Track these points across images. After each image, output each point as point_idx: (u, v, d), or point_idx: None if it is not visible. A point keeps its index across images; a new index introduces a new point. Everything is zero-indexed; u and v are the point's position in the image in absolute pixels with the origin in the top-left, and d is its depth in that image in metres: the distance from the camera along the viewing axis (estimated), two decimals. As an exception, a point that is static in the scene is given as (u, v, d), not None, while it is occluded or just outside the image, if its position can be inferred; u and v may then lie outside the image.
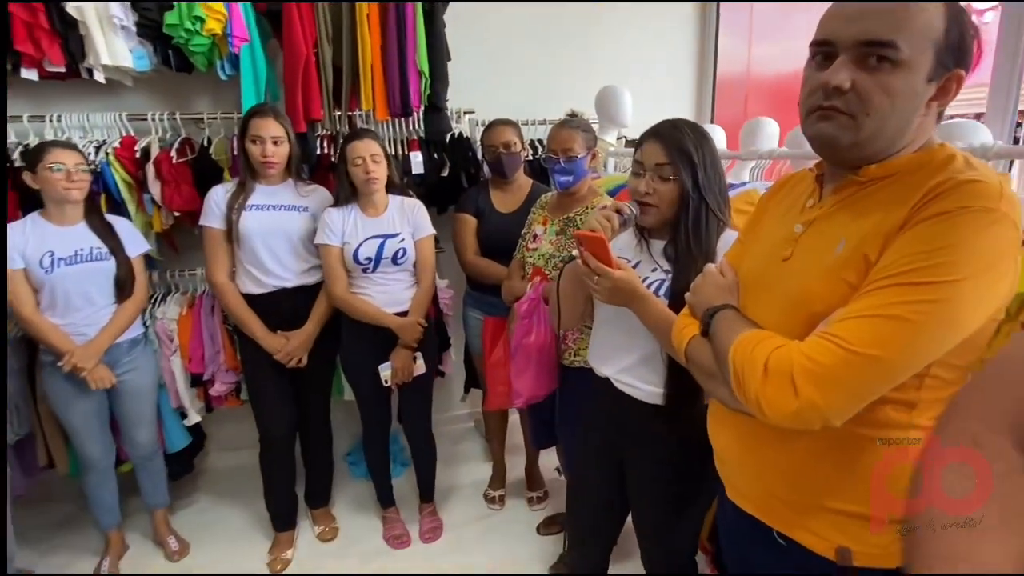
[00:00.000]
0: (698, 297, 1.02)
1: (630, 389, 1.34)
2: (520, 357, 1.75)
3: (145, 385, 2.15)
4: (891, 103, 0.75)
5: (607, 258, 1.18)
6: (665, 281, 1.28)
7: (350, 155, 2.00)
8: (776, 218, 0.99)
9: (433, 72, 2.43)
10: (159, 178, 2.25)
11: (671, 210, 1.26)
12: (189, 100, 2.50)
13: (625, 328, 1.30)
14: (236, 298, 2.08)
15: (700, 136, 1.26)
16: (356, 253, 2.03)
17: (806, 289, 0.83)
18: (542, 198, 2.04)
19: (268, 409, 2.17)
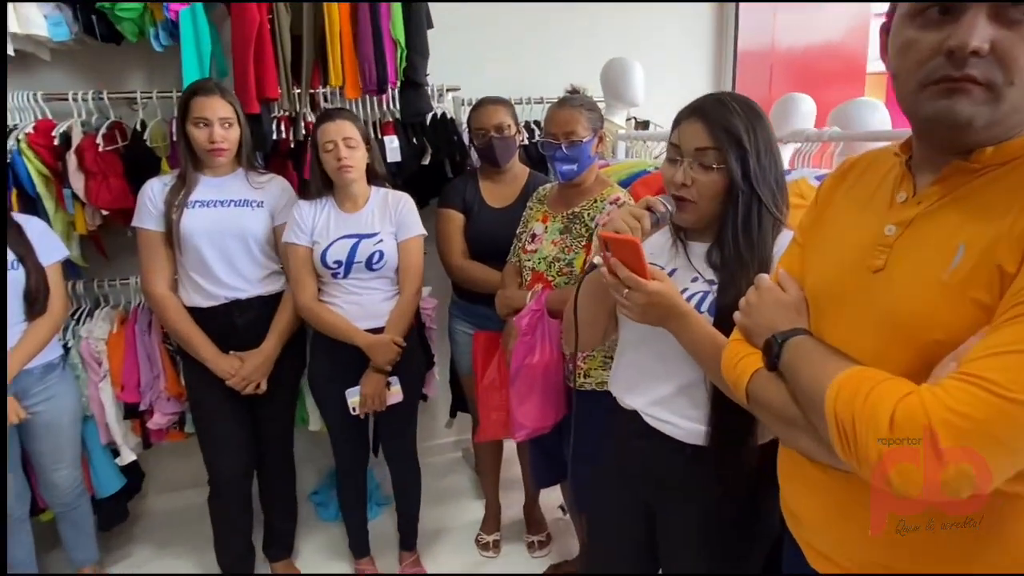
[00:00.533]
0: (754, 319, 0.93)
1: (665, 426, 1.24)
2: (522, 382, 1.68)
3: (64, 418, 2.03)
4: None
5: (640, 266, 1.08)
6: (709, 294, 1.18)
7: (321, 139, 1.92)
8: (850, 215, 0.90)
9: (410, 42, 2.35)
10: (83, 169, 2.13)
11: (714, 206, 1.17)
12: (118, 76, 2.40)
13: (659, 351, 1.21)
14: (179, 313, 1.98)
15: (753, 114, 1.16)
16: (324, 255, 1.95)
17: (916, 310, 0.74)
18: (540, 190, 1.96)
19: (219, 445, 2.08)
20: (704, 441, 1.19)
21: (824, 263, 0.90)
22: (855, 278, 0.82)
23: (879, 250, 0.80)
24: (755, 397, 0.90)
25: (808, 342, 0.84)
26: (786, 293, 0.92)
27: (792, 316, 0.89)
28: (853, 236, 0.86)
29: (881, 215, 0.83)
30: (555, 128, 1.75)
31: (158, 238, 1.94)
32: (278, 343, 2.04)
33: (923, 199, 0.78)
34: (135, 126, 2.24)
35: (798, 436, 0.84)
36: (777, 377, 0.86)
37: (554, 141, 1.74)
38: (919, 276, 0.75)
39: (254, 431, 2.14)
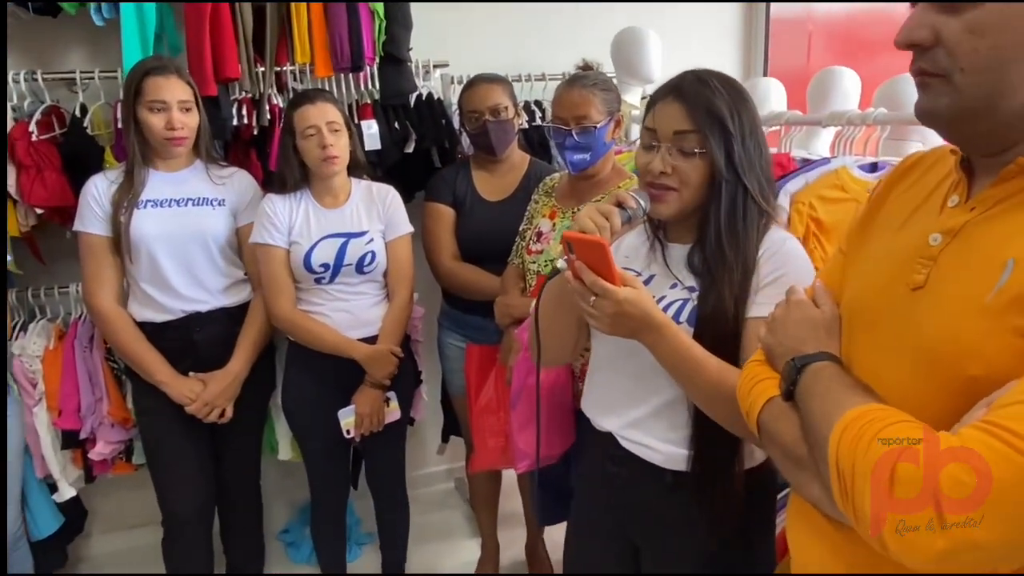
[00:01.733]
0: (779, 337, 0.93)
1: (641, 450, 1.28)
2: (524, 404, 1.69)
3: (9, 453, 2.04)
4: (990, 45, 0.68)
5: (609, 270, 1.09)
6: (688, 301, 1.22)
7: (299, 124, 1.93)
8: (898, 221, 0.88)
9: (390, 12, 2.38)
10: (14, 161, 2.15)
11: (696, 197, 1.19)
12: (55, 54, 2.41)
13: (634, 366, 1.24)
14: (128, 330, 1.99)
15: (735, 93, 1.19)
16: (308, 257, 1.96)
17: (953, 338, 0.72)
18: (548, 181, 1.98)
19: (175, 478, 2.10)
20: (686, 466, 1.22)
21: (863, 277, 0.89)
22: (892, 296, 0.80)
23: (921, 263, 0.78)
24: (766, 430, 0.90)
25: (829, 369, 0.82)
26: (818, 310, 0.92)
27: (820, 337, 0.88)
28: (898, 245, 0.84)
29: (929, 222, 0.81)
30: (564, 112, 1.76)
31: (104, 244, 1.95)
32: (246, 363, 2.05)
33: (977, 204, 0.75)
34: (74, 111, 2.25)
35: (808, 482, 0.82)
36: (792, 408, 0.85)
37: (563, 127, 1.75)
38: (960, 296, 0.72)
39: (216, 462, 2.16)
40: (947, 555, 0.62)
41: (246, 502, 2.30)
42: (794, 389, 0.85)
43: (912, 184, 0.91)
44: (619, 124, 1.82)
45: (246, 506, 2.31)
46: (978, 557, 0.62)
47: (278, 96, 2.38)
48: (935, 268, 0.77)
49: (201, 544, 2.16)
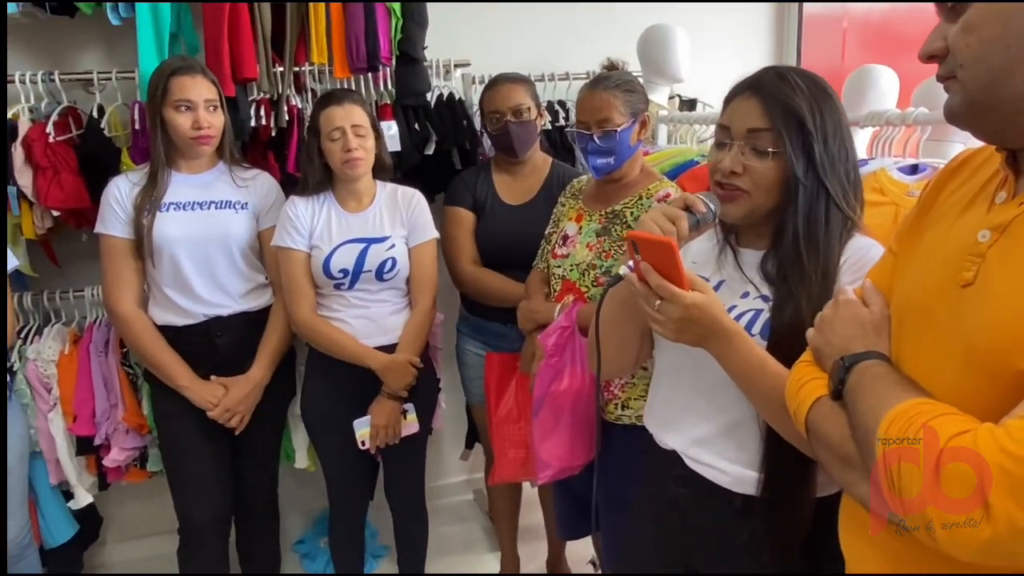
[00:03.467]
0: (827, 337, 0.94)
1: (708, 471, 1.25)
2: (547, 412, 1.69)
3: (11, 459, 2.05)
4: (978, 38, 0.74)
5: (676, 272, 1.06)
6: (762, 312, 1.18)
7: (324, 126, 1.95)
8: (948, 219, 0.89)
9: (406, 9, 2.39)
10: (30, 163, 2.18)
11: (770, 200, 1.16)
12: (72, 54, 2.45)
13: (701, 378, 1.22)
14: (150, 334, 2.00)
15: (819, 92, 1.16)
16: (327, 262, 1.98)
17: (1002, 334, 0.73)
18: (576, 183, 1.98)
19: (193, 487, 2.11)
20: (755, 490, 1.18)
21: (914, 275, 0.90)
22: (942, 294, 0.82)
23: (970, 260, 0.79)
24: (814, 430, 0.91)
25: (878, 367, 0.84)
26: (867, 309, 0.93)
27: (869, 337, 0.90)
28: (947, 243, 0.86)
29: (978, 219, 0.83)
30: (586, 116, 1.75)
31: (125, 246, 1.96)
32: (268, 369, 2.07)
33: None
34: (91, 112, 2.28)
35: (857, 481, 0.84)
36: (841, 408, 0.87)
37: (585, 131, 1.75)
38: (1009, 292, 0.74)
39: (233, 471, 2.17)
40: (993, 544, 0.64)
41: (263, 511, 2.31)
42: (842, 388, 0.86)
43: (962, 183, 0.92)
44: (645, 125, 1.80)
45: (263, 515, 2.31)
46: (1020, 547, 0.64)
47: (297, 97, 2.40)
48: (984, 264, 0.78)
49: (217, 553, 2.16)
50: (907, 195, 1.60)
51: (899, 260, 0.97)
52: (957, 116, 0.79)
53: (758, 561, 1.20)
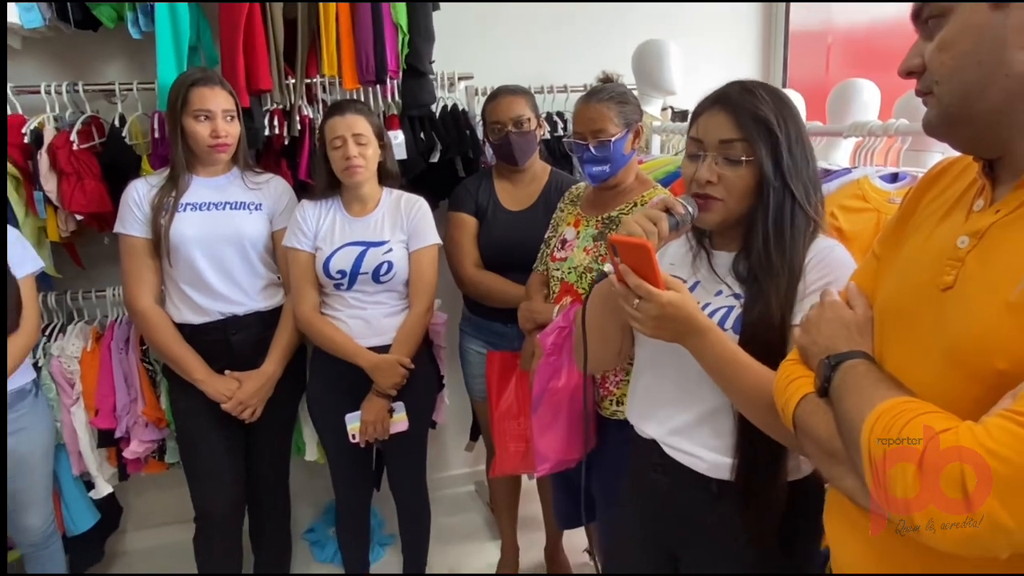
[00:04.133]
0: (813, 337, 0.94)
1: (685, 457, 1.26)
2: (545, 408, 1.69)
3: (36, 452, 2.06)
4: (951, 56, 0.76)
5: (653, 273, 1.07)
6: (735, 308, 1.19)
7: (328, 135, 1.96)
8: (928, 225, 0.90)
9: (413, 25, 2.39)
10: (55, 169, 2.17)
11: (742, 205, 1.18)
12: (95, 67, 2.45)
13: (678, 372, 1.23)
14: (167, 330, 2.01)
15: (781, 102, 1.18)
16: (327, 264, 1.98)
17: (980, 334, 0.73)
18: (573, 190, 1.98)
19: (209, 477, 2.11)
20: (730, 475, 1.19)
21: (896, 279, 0.91)
22: (924, 296, 0.82)
23: (950, 265, 0.80)
24: (801, 425, 0.91)
25: (862, 366, 0.84)
26: (851, 311, 0.93)
27: (853, 336, 0.90)
28: (928, 248, 0.86)
29: (957, 225, 0.83)
30: (582, 126, 1.75)
31: (144, 246, 1.97)
32: (279, 364, 2.07)
33: (1001, 207, 0.77)
34: (113, 121, 2.28)
35: (843, 475, 0.84)
36: (827, 404, 0.87)
37: (582, 141, 1.75)
38: (986, 295, 0.74)
39: (246, 462, 2.17)
40: (975, 538, 0.64)
41: (275, 502, 2.31)
42: (828, 386, 0.86)
43: (942, 191, 0.92)
44: (638, 135, 1.80)
45: (275, 505, 2.31)
46: (1005, 539, 0.64)
47: (308, 107, 2.40)
48: (963, 269, 0.79)
49: (231, 542, 2.17)
50: (888, 202, 1.60)
51: (882, 263, 0.97)
52: (935, 129, 0.81)
53: (734, 543, 1.21)
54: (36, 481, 2.06)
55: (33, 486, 2.06)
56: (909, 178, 1.61)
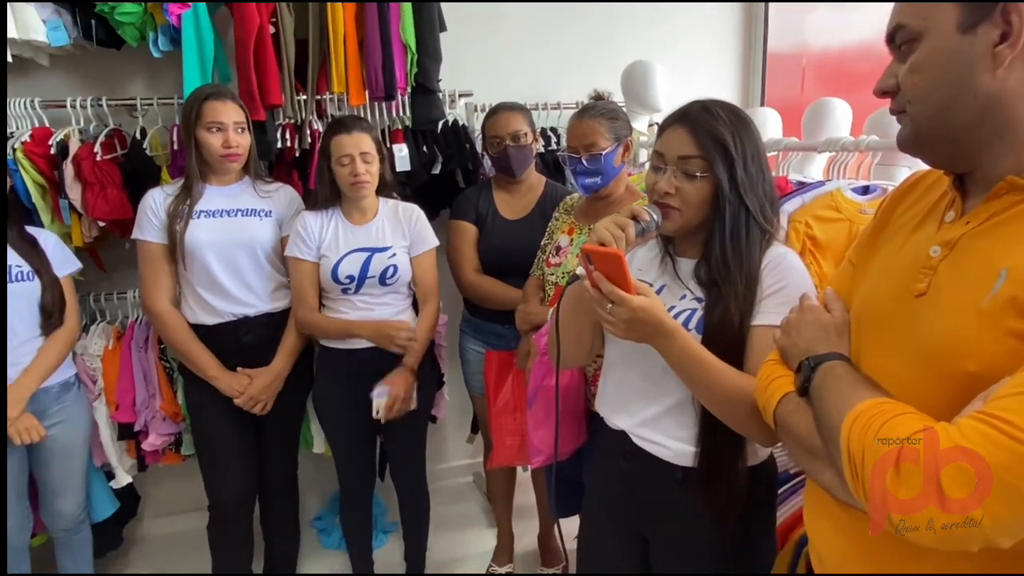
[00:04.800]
0: (793, 339, 0.95)
1: (653, 447, 1.28)
2: (540, 404, 1.70)
3: (77, 441, 2.08)
4: (923, 78, 0.78)
5: (624, 280, 1.09)
6: (697, 310, 1.22)
7: (335, 151, 1.96)
8: (902, 235, 0.91)
9: (421, 46, 2.40)
10: (80, 179, 2.18)
11: (699, 215, 1.21)
12: (118, 82, 2.46)
13: (645, 369, 1.25)
14: (183, 329, 2.02)
15: (738, 121, 1.20)
16: (335, 270, 1.98)
17: (952, 338, 0.74)
18: (568, 200, 1.99)
19: (222, 468, 2.11)
20: (693, 462, 1.22)
21: (871, 285, 0.91)
22: (898, 302, 0.83)
23: (923, 273, 0.80)
24: (782, 423, 0.92)
25: (840, 367, 0.85)
26: (829, 314, 0.94)
27: (831, 339, 0.90)
28: (902, 257, 0.87)
29: (929, 236, 0.84)
30: (575, 141, 1.77)
31: (160, 251, 1.98)
32: (288, 362, 2.08)
33: (971, 218, 0.78)
34: (134, 134, 2.29)
35: (821, 469, 0.85)
36: (807, 403, 0.87)
37: (575, 155, 1.76)
38: (959, 302, 0.75)
39: (257, 455, 2.18)
40: (949, 532, 0.64)
41: (285, 491, 2.30)
42: (808, 386, 0.87)
43: (914, 202, 0.93)
44: (628, 148, 1.81)
45: (284, 495, 2.31)
46: (978, 533, 0.63)
47: (318, 122, 2.41)
48: (935, 277, 0.79)
49: (243, 529, 2.17)
50: (860, 212, 1.63)
51: (857, 270, 0.98)
52: (909, 145, 0.83)
53: (698, 523, 1.23)
54: (74, 468, 2.07)
55: (71, 473, 2.07)
56: (879, 190, 1.64)
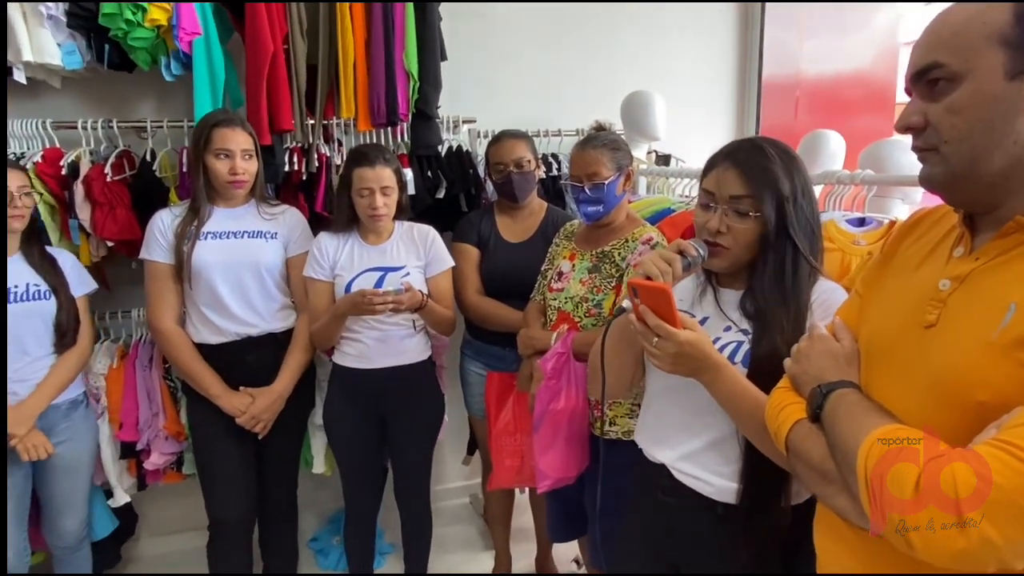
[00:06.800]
0: (804, 367, 0.96)
1: (694, 482, 1.25)
2: (546, 429, 1.69)
3: (83, 459, 2.07)
4: (964, 119, 0.76)
5: (671, 314, 1.08)
6: (743, 344, 1.20)
7: (356, 183, 1.98)
8: (909, 268, 0.93)
9: (423, 73, 2.43)
10: (89, 199, 2.18)
11: (749, 254, 1.20)
12: (129, 105, 2.47)
13: (688, 402, 1.23)
14: (187, 348, 2.01)
15: (789, 159, 1.20)
16: (348, 288, 1.99)
17: (963, 370, 0.76)
18: (568, 226, 1.99)
19: (223, 488, 2.10)
20: (735, 499, 1.19)
21: (880, 316, 0.92)
22: (907, 333, 0.84)
23: (932, 305, 0.82)
24: (794, 448, 0.92)
25: (852, 395, 0.85)
26: (839, 343, 0.95)
27: (842, 367, 0.91)
28: (910, 290, 0.88)
29: (937, 269, 0.85)
30: (578, 170, 1.78)
31: (167, 271, 1.98)
32: (291, 382, 2.07)
33: (981, 255, 0.80)
34: (144, 155, 2.28)
35: (834, 494, 0.85)
36: (819, 429, 0.88)
37: (578, 183, 1.77)
38: (969, 335, 0.76)
39: (258, 475, 2.16)
40: (966, 553, 0.65)
41: (283, 512, 2.29)
42: (820, 412, 0.87)
43: (919, 236, 0.95)
44: (629, 177, 1.82)
45: (283, 516, 2.29)
46: (994, 555, 0.65)
47: (325, 146, 2.42)
48: (945, 309, 0.81)
49: (243, 549, 2.16)
50: (853, 243, 1.64)
51: (864, 301, 0.99)
52: (936, 184, 0.81)
53: (737, 561, 1.20)
54: (79, 487, 2.06)
55: (75, 491, 2.05)
56: (875, 223, 1.66)
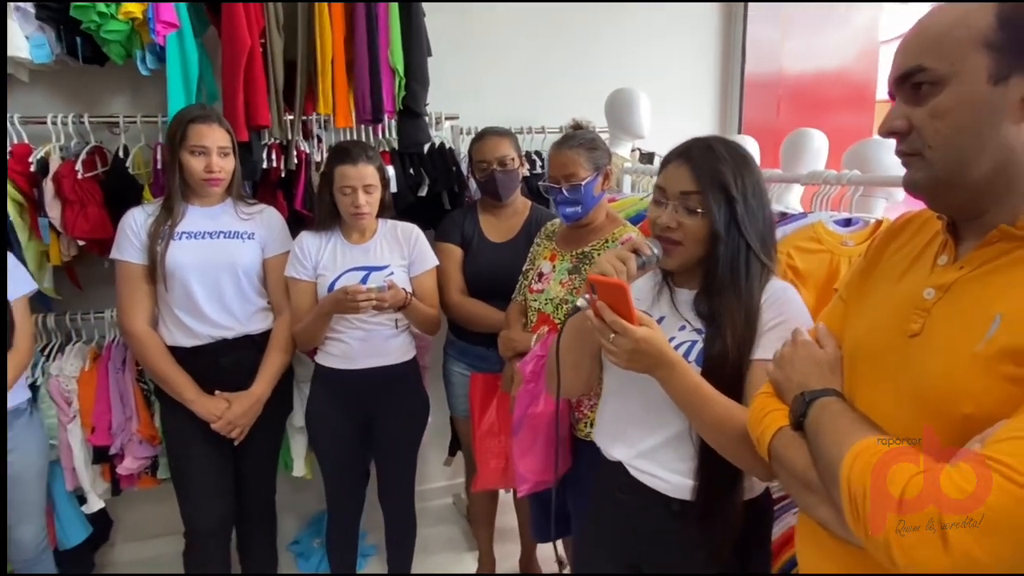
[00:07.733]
0: (787, 373, 0.95)
1: (650, 479, 1.26)
2: (525, 432, 1.67)
3: (31, 470, 1.99)
4: (948, 124, 0.74)
5: (628, 311, 1.09)
6: (696, 343, 1.21)
7: (338, 181, 1.94)
8: (894, 275, 0.91)
9: (409, 70, 2.39)
10: (60, 197, 2.13)
11: (699, 249, 1.21)
12: (101, 99, 2.42)
13: (644, 399, 1.24)
14: (160, 351, 1.96)
15: (740, 159, 1.21)
16: (331, 287, 1.96)
17: (947, 381, 0.74)
18: (549, 226, 1.97)
19: (199, 494, 2.05)
20: (691, 496, 1.20)
21: (863, 323, 0.91)
22: (891, 342, 0.83)
23: (917, 314, 0.80)
24: (777, 456, 0.90)
25: (836, 404, 0.84)
26: (822, 350, 0.94)
27: (825, 375, 0.90)
28: (894, 297, 0.87)
29: (921, 277, 0.84)
30: (555, 171, 1.76)
31: (139, 271, 1.92)
32: (269, 385, 2.03)
33: (965, 264, 0.79)
34: (116, 151, 2.23)
35: (817, 504, 0.84)
36: (802, 437, 0.87)
37: (555, 184, 1.75)
38: (953, 345, 0.75)
39: (235, 479, 2.12)
40: (952, 569, 0.64)
41: (262, 516, 2.25)
42: (803, 420, 0.86)
43: (904, 243, 0.94)
44: (607, 177, 1.80)
45: (262, 520, 2.25)
46: (978, 571, 0.63)
47: (304, 143, 2.38)
48: (929, 319, 0.79)
49: (220, 555, 2.11)
50: (841, 244, 1.63)
51: (848, 307, 0.97)
52: (920, 189, 0.80)
53: (694, 557, 1.22)
54: (30, 498, 1.99)
55: (27, 502, 1.98)
56: (861, 223, 1.65)
